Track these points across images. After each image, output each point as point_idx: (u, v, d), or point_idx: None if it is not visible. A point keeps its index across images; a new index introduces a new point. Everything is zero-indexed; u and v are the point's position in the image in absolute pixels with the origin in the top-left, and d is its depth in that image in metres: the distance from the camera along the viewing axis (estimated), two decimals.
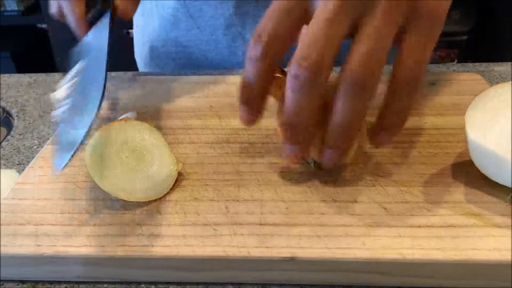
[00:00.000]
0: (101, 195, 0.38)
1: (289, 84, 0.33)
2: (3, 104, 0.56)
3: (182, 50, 0.70)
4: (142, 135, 0.39)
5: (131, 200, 0.37)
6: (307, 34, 0.32)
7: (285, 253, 0.32)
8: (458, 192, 0.37)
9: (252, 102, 0.37)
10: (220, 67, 0.68)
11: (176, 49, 0.70)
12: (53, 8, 0.51)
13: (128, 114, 0.49)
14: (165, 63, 0.73)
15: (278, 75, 0.38)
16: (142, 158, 0.38)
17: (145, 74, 0.62)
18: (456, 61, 1.71)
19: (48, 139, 0.50)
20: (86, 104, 0.37)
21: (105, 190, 0.36)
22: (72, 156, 0.35)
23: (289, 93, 0.33)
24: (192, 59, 0.70)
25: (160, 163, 0.39)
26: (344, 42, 0.33)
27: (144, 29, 0.73)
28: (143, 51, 0.75)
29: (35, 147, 0.50)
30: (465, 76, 0.53)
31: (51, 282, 0.35)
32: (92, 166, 0.36)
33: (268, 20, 0.35)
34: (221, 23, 0.66)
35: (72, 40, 0.54)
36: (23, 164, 0.46)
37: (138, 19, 0.75)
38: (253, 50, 0.35)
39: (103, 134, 0.38)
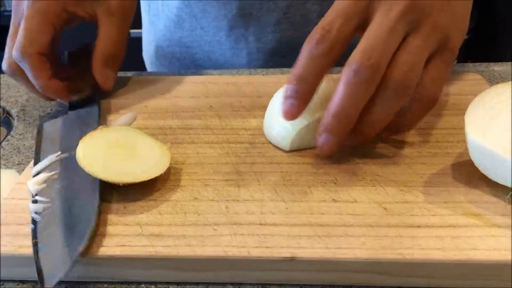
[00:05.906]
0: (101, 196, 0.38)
1: (348, 77, 0.35)
2: (3, 104, 0.56)
3: (186, 50, 0.70)
4: (126, 134, 0.41)
5: (132, 181, 0.37)
6: (372, 37, 0.35)
7: (285, 253, 0.32)
8: (458, 192, 0.37)
9: (304, 98, 0.38)
10: (223, 68, 0.68)
11: (180, 49, 0.70)
12: (4, 66, 0.49)
13: (128, 114, 0.49)
14: (170, 63, 0.72)
15: None
16: (132, 150, 0.40)
17: (145, 74, 0.62)
18: (456, 61, 1.71)
19: None
20: (74, 223, 0.35)
21: (103, 179, 0.37)
22: (66, 273, 0.32)
23: (344, 87, 0.35)
24: (195, 60, 0.70)
25: (150, 148, 0.40)
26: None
27: (151, 29, 0.73)
28: (150, 50, 0.75)
29: None
30: (465, 76, 0.53)
31: None
32: (86, 162, 0.37)
33: (337, 17, 0.36)
34: (224, 25, 0.66)
35: (71, 40, 0.54)
36: (23, 164, 0.46)
37: (145, 19, 0.75)
38: (319, 46, 0.36)
39: (89, 139, 0.39)
